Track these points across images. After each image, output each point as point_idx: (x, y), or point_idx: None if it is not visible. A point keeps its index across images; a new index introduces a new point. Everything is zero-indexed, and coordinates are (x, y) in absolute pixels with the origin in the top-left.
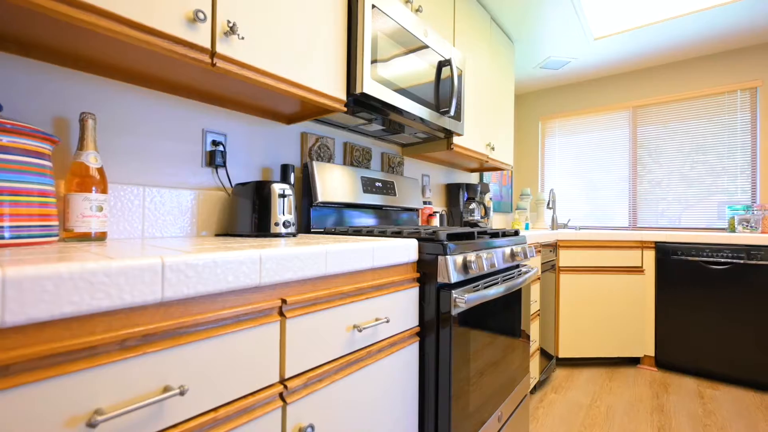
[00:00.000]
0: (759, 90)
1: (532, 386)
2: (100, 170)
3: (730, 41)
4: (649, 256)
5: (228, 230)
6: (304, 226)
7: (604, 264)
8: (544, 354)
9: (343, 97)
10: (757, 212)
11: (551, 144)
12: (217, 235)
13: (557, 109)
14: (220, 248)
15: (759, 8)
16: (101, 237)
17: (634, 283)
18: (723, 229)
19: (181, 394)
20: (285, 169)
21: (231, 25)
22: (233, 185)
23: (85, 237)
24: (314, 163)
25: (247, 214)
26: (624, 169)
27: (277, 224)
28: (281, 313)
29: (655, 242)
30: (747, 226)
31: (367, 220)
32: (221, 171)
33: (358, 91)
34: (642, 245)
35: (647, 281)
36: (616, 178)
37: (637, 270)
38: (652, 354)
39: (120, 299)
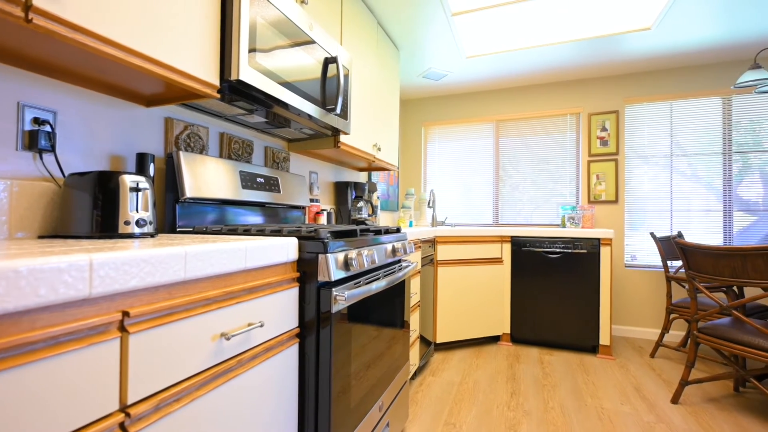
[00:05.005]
0: (581, 115)
1: (412, 372)
2: None
3: (566, 74)
4: (507, 249)
5: (59, 231)
6: (168, 225)
7: (474, 256)
8: (424, 341)
9: (216, 82)
10: (579, 211)
11: (432, 148)
12: (42, 236)
13: (437, 117)
14: (33, 253)
15: (580, 51)
16: None
17: (496, 272)
18: (558, 225)
19: None
20: (142, 159)
21: None
22: (66, 175)
23: None
24: (182, 153)
25: (87, 210)
26: (490, 174)
27: (128, 223)
28: (122, 328)
29: (511, 237)
30: (573, 222)
31: (252, 219)
32: (48, 157)
33: (233, 77)
34: (501, 239)
35: (505, 270)
36: (485, 181)
37: (498, 261)
38: (509, 331)
39: None
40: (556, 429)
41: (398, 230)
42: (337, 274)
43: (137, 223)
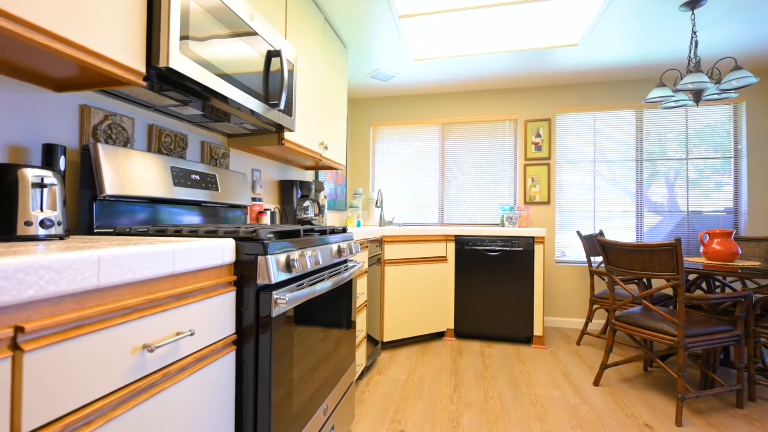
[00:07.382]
0: (518, 121)
1: (359, 373)
2: None
3: (505, 82)
4: (451, 247)
5: None
6: (84, 226)
7: (420, 255)
8: (371, 340)
9: (142, 68)
10: (516, 212)
11: (381, 148)
12: None
13: (386, 117)
14: None
15: (518, 61)
16: None
17: (441, 270)
18: (498, 224)
19: None
20: (50, 151)
21: None
22: None
23: None
24: (100, 145)
25: None
26: (436, 175)
27: (29, 223)
28: (15, 346)
29: (455, 236)
30: (511, 222)
31: (188, 219)
32: None
33: (161, 64)
34: (446, 238)
35: (449, 268)
36: (431, 182)
37: (443, 259)
38: (453, 327)
39: None
40: (495, 417)
41: (344, 230)
42: (278, 276)
43: (42, 223)
